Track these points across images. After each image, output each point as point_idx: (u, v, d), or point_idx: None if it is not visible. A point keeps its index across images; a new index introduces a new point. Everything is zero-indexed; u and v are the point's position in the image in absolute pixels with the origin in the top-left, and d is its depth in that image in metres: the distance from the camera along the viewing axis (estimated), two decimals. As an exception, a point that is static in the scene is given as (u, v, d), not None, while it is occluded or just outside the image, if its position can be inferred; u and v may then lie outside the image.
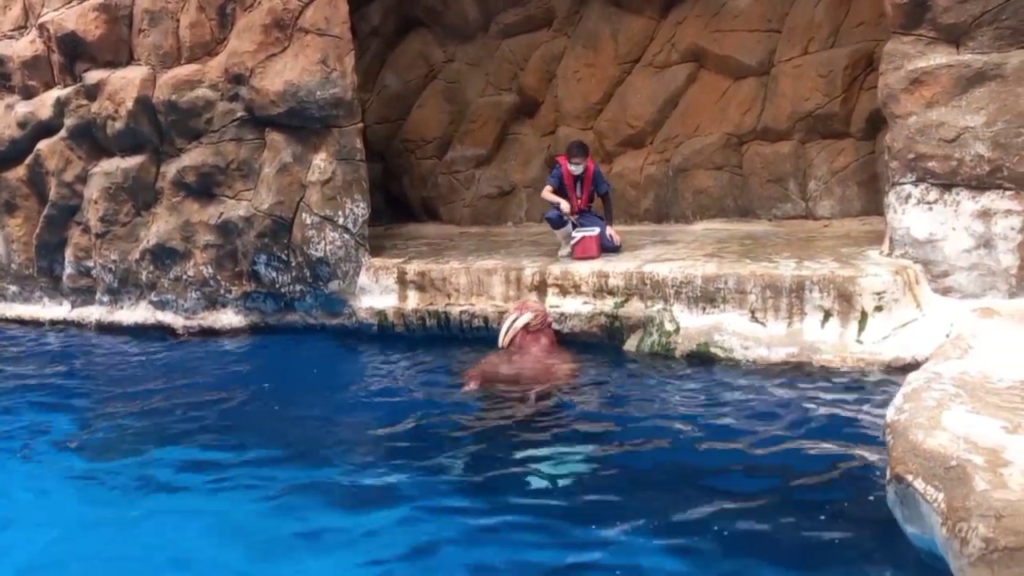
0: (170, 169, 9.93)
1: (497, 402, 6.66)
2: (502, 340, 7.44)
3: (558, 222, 8.74)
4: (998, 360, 4.96)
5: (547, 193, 8.95)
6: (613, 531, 4.47)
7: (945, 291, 7.00)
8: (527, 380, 6.92)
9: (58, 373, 8.85)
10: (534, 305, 7.71)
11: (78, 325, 10.88)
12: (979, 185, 6.85)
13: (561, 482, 5.16)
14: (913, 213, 7.13)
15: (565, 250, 8.76)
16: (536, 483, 5.17)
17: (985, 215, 6.84)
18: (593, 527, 4.53)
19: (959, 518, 3.36)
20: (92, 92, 10.22)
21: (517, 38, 11.84)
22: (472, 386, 6.97)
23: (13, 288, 11.66)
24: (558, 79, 11.52)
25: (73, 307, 11.11)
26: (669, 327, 7.42)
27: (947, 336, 6.13)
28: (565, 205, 8.75)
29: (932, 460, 3.69)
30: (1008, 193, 6.76)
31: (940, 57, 6.95)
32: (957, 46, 6.92)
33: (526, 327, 7.40)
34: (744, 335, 7.09)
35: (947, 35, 6.94)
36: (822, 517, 4.42)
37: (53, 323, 11.15)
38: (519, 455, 5.58)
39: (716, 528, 4.41)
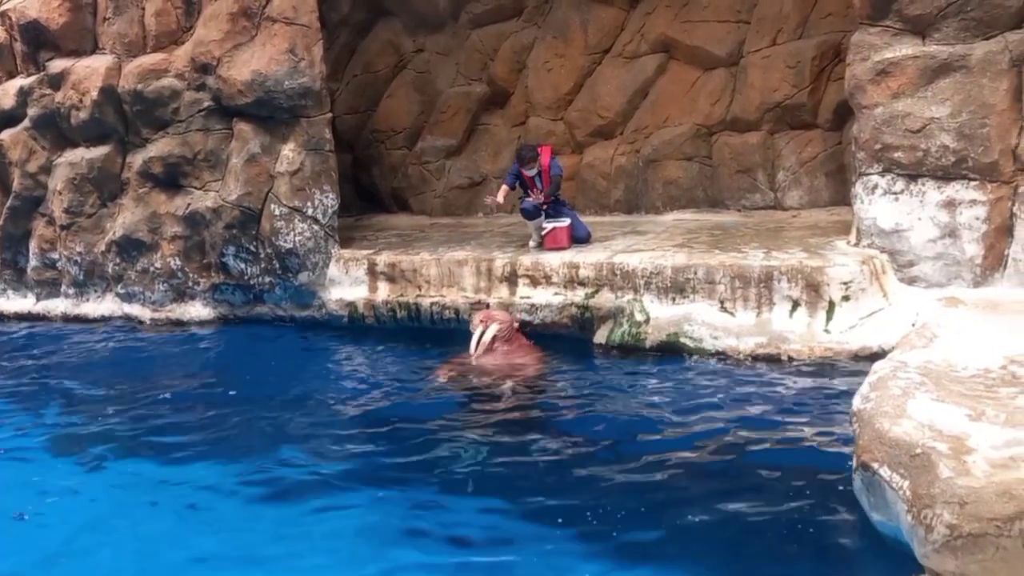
0: (136, 160, 9.81)
1: (466, 395, 6.66)
2: (473, 352, 7.32)
3: (533, 213, 8.71)
4: (962, 349, 5.01)
5: (500, 192, 8.94)
6: (581, 520, 4.48)
7: (911, 281, 7.07)
8: (496, 375, 6.91)
9: (21, 366, 8.73)
10: (499, 315, 7.61)
11: (43, 318, 10.74)
12: (944, 175, 6.92)
13: (529, 473, 5.17)
14: (880, 203, 7.19)
15: (536, 241, 8.74)
16: (503, 475, 5.17)
17: (950, 205, 6.91)
18: (561, 516, 4.54)
19: (924, 505, 3.40)
20: (56, 81, 10.07)
21: (487, 28, 11.78)
22: (442, 375, 6.96)
23: (-24, 281, 11.48)
24: (528, 69, 11.49)
25: (38, 300, 10.95)
26: (639, 317, 7.44)
27: (913, 325, 6.18)
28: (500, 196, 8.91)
29: (897, 448, 3.72)
30: (973, 183, 6.83)
31: (906, 48, 7.01)
32: (923, 37, 6.98)
33: (494, 339, 7.34)
34: (713, 325, 7.12)
35: (913, 26, 6.99)
36: (789, 505, 4.46)
37: (18, 316, 10.99)
38: (488, 448, 5.59)
39: (681, 517, 4.43)
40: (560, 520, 4.52)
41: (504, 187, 8.93)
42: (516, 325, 7.61)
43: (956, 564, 3.27)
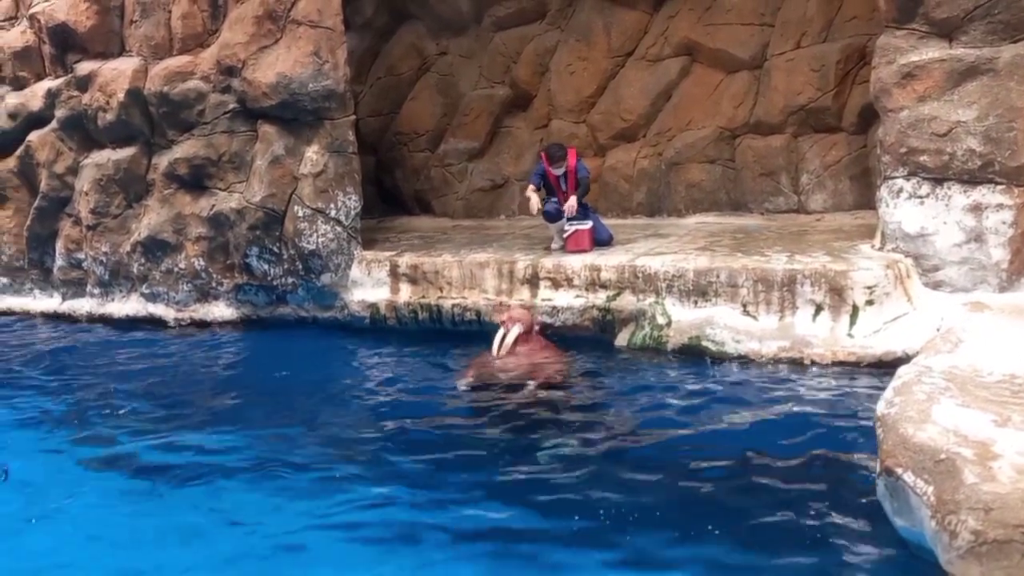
0: (162, 161, 9.90)
1: (489, 397, 6.66)
2: (496, 354, 7.32)
3: (555, 216, 8.70)
4: (988, 354, 4.98)
5: (531, 191, 8.80)
6: (601, 522, 4.48)
7: (936, 285, 7.01)
8: (519, 376, 6.91)
9: (46, 365, 8.82)
10: (520, 314, 7.59)
11: (69, 317, 10.86)
12: (970, 179, 6.86)
13: (550, 474, 5.17)
14: (905, 207, 7.14)
15: (557, 243, 8.75)
16: (525, 475, 5.17)
17: (976, 209, 6.85)
18: (581, 518, 4.53)
19: (948, 511, 3.37)
20: (83, 83, 10.19)
21: (510, 31, 11.80)
22: (467, 378, 6.97)
23: (3, 280, 11.63)
24: (551, 72, 11.50)
25: (64, 299, 11.08)
26: (661, 320, 7.42)
27: (937, 330, 6.15)
28: (533, 199, 8.70)
29: (922, 453, 3.70)
30: (999, 187, 6.77)
31: (932, 51, 6.95)
32: (950, 40, 6.93)
33: (516, 340, 7.35)
34: (736, 328, 7.09)
35: (939, 29, 6.94)
36: (812, 510, 4.43)
37: (44, 315, 11.13)
38: (509, 448, 5.59)
39: (699, 519, 4.41)
40: (577, 519, 4.52)
41: (531, 187, 8.87)
42: (538, 324, 7.61)
43: (981, 571, 3.24)
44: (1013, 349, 5.07)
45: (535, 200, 8.73)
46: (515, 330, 7.32)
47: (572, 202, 8.58)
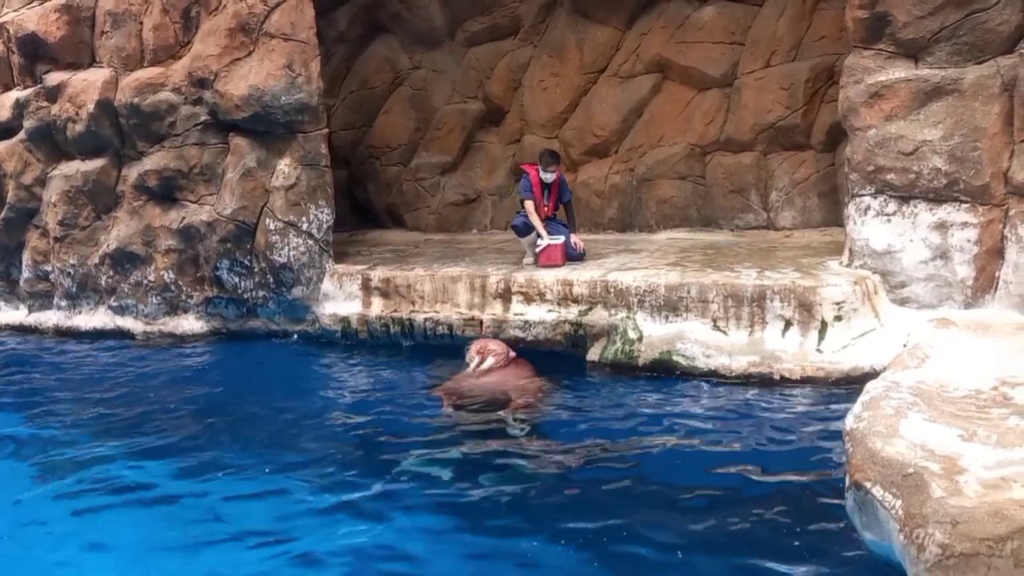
0: (131, 173, 9.82)
1: (464, 416, 6.61)
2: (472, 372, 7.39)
3: (524, 230, 8.74)
4: (954, 369, 5.04)
5: (532, 212, 8.72)
6: (571, 541, 4.47)
7: (903, 301, 7.11)
8: (496, 396, 6.89)
9: (10, 378, 8.69)
10: (494, 347, 7.61)
11: (35, 330, 10.72)
12: (936, 198, 6.97)
13: (524, 491, 5.17)
14: (872, 224, 7.24)
15: (530, 258, 8.77)
16: (498, 493, 5.17)
17: (942, 227, 6.96)
18: (550, 537, 4.52)
19: (916, 524, 3.41)
20: (52, 94, 10.09)
21: (483, 46, 11.85)
22: (446, 406, 6.86)
23: (-32, 292, 11.45)
24: (524, 88, 11.56)
25: (30, 311, 10.93)
26: (632, 335, 7.46)
27: (905, 346, 6.22)
28: (545, 240, 8.57)
29: (890, 467, 3.74)
30: (964, 206, 6.89)
31: (899, 71, 7.08)
32: (916, 61, 7.05)
33: (489, 370, 7.38)
34: (706, 343, 7.14)
35: (906, 50, 7.06)
36: (781, 524, 4.47)
37: (9, 327, 10.97)
38: (480, 465, 5.57)
39: (669, 537, 4.43)
40: (550, 536, 4.51)
41: (530, 203, 8.78)
42: (512, 356, 7.60)
43: (948, 583, 3.28)
44: (978, 365, 5.14)
45: (532, 216, 8.69)
46: (488, 362, 7.36)
47: (544, 241, 8.62)
